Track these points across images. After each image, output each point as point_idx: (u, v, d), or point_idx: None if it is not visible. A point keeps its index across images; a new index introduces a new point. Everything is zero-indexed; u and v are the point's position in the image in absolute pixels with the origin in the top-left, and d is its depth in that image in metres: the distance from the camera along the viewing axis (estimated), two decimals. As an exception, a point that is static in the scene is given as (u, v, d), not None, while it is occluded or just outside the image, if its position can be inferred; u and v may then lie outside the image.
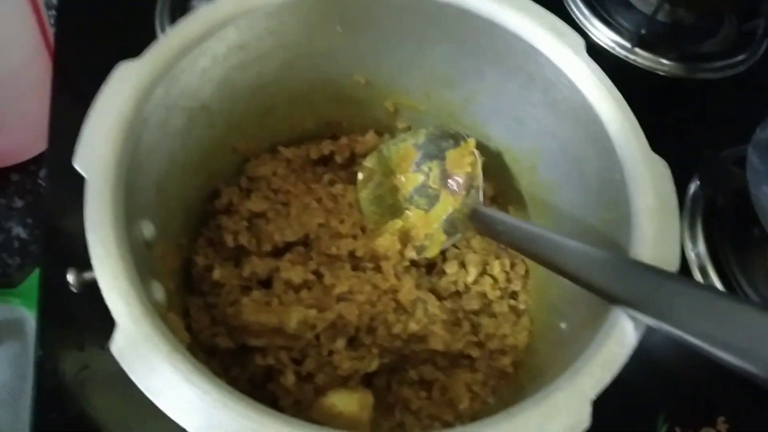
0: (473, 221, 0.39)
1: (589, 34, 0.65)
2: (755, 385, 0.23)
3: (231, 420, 0.24)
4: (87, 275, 0.30)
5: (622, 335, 0.28)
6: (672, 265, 0.29)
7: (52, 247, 0.48)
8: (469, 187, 0.42)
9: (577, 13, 0.66)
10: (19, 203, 0.75)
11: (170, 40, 0.34)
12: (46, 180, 0.52)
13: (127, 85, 0.32)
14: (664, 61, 0.63)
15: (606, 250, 0.31)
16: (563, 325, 0.36)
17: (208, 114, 0.39)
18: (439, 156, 0.45)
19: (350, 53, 0.41)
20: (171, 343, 0.27)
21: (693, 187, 0.56)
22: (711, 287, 0.26)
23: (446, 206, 0.43)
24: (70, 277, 0.33)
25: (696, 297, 0.25)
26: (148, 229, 0.34)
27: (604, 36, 0.65)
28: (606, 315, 0.29)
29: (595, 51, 0.64)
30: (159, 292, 0.33)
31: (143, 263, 0.32)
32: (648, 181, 0.31)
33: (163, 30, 0.60)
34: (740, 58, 0.65)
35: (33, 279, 0.73)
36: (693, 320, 0.25)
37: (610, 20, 0.66)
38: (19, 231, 0.74)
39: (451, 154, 0.44)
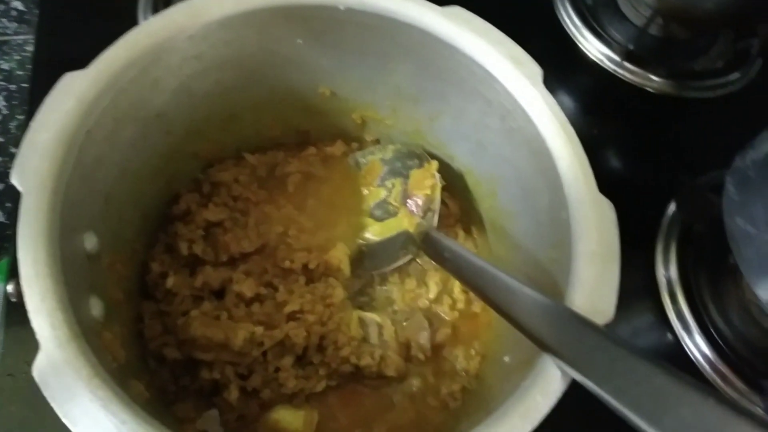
0: (424, 244, 0.39)
1: (579, 45, 0.64)
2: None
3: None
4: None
5: (546, 385, 0.27)
6: (605, 315, 0.28)
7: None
8: (427, 209, 0.42)
9: (568, 23, 0.65)
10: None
11: (117, 50, 0.33)
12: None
13: (71, 97, 0.31)
14: (654, 77, 0.61)
15: (546, 291, 0.30)
16: (507, 359, 0.36)
17: (163, 121, 0.38)
18: (403, 174, 0.44)
19: (313, 65, 0.41)
20: (94, 369, 0.27)
21: (671, 209, 0.55)
22: (633, 346, 0.25)
23: (401, 223, 0.43)
24: (10, 288, 0.33)
25: (615, 355, 0.25)
26: (90, 242, 0.33)
27: (594, 48, 0.63)
28: (536, 361, 0.28)
29: (583, 63, 0.64)
30: (97, 308, 0.32)
31: (82, 278, 0.32)
32: (592, 223, 0.30)
33: (145, 19, 0.60)
34: (732, 77, 0.63)
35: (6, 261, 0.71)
36: (609, 379, 0.24)
37: (602, 32, 0.64)
38: (-2, 215, 0.72)
39: (415, 174, 0.43)
